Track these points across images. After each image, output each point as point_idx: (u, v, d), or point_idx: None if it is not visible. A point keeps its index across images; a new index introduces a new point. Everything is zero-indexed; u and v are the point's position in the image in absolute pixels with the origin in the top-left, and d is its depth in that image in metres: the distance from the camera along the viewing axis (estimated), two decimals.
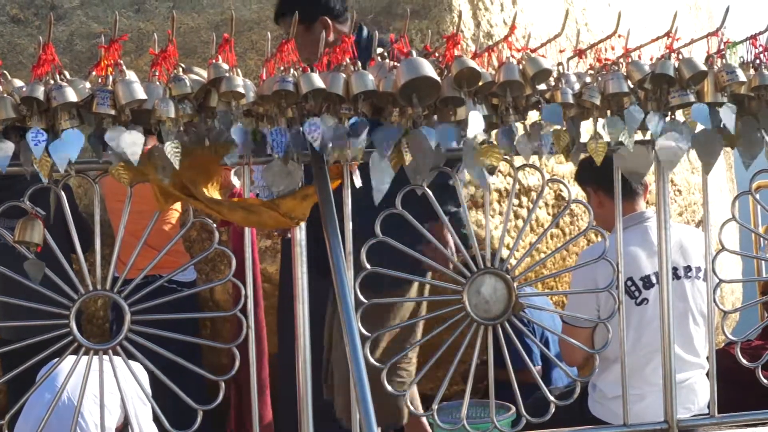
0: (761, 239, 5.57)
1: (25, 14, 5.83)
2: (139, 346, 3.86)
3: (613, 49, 4.12)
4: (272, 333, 5.05)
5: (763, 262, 5.46)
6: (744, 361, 4.46)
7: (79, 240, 3.84)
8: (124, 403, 4.18)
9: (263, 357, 4.15)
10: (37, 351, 3.88)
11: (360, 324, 3.74)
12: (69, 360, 3.96)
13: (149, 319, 3.86)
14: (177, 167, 3.63)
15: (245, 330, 3.93)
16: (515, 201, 4.49)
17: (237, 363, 3.90)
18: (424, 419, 4.83)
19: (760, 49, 4.20)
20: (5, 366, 4.05)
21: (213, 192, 3.78)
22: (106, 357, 3.90)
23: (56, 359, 4.03)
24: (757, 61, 4.15)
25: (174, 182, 3.72)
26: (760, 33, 4.22)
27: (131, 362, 3.93)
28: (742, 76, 4.05)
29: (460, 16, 5.93)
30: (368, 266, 3.96)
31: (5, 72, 3.59)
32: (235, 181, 4.35)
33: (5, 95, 3.50)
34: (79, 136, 3.53)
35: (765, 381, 4.38)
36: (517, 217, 4.64)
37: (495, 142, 3.93)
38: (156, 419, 3.91)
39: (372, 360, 3.93)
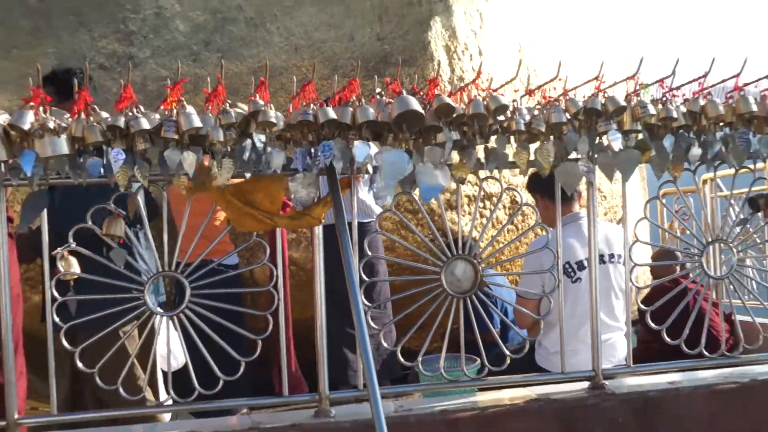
0: (666, 233, 5.56)
1: (110, 63, 5.84)
2: (196, 314, 3.87)
3: (554, 89, 4.15)
4: (296, 303, 5.04)
5: (667, 250, 5.47)
6: (653, 325, 4.47)
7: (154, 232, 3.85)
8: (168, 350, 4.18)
9: (289, 322, 4.17)
10: (118, 318, 3.89)
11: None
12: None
13: (204, 293, 3.88)
14: (227, 180, 3.67)
15: (277, 301, 3.95)
16: (480, 204, 4.52)
17: (270, 326, 3.92)
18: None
19: (666, 89, 4.23)
20: (89, 329, 4.03)
21: (272, 207, 3.84)
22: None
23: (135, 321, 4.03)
24: (664, 99, 4.17)
25: (234, 193, 3.76)
26: (666, 77, 4.26)
27: (173, 333, 3.94)
28: (652, 110, 4.10)
29: (439, 65, 5.98)
30: (369, 253, 3.97)
31: (95, 107, 3.61)
32: None
33: (95, 124, 3.54)
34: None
35: (668, 339, 4.39)
36: (482, 216, 4.64)
37: (464, 161, 3.95)
38: (204, 370, 3.92)
39: (372, 324, 3.93)
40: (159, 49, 5.89)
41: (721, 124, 4.28)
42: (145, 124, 3.60)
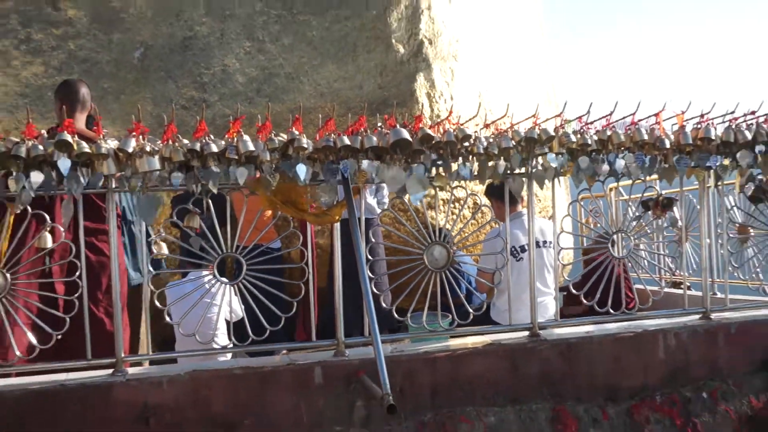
0: (584, 226, 5.55)
1: (189, 105, 5.85)
2: (250, 282, 3.88)
3: (504, 123, 4.17)
4: (320, 275, 5.03)
5: (584, 238, 5.47)
6: (574, 291, 4.48)
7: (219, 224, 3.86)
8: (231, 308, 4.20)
9: (315, 288, 4.17)
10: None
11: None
12: (212, 290, 3.98)
13: (255, 268, 3.89)
14: (273, 187, 3.70)
15: (307, 274, 3.97)
16: (452, 205, 4.53)
17: (302, 292, 3.93)
18: None
19: (583, 123, 4.25)
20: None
21: (301, 206, 3.86)
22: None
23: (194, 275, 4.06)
24: (581, 130, 4.18)
25: (276, 196, 3.77)
26: (583, 115, 4.27)
27: (234, 298, 3.95)
28: (573, 138, 4.14)
29: (422, 107, 6.01)
30: (372, 240, 3.99)
31: (179, 136, 3.62)
32: None
33: (179, 148, 3.54)
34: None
35: (585, 301, 4.40)
36: (452, 213, 4.65)
37: (443, 174, 3.97)
38: (256, 322, 3.93)
39: (375, 290, 3.93)
40: (224, 95, 5.90)
41: (623, 148, 4.29)
42: (215, 148, 3.63)
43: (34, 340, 3.64)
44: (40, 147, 3.44)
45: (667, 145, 4.32)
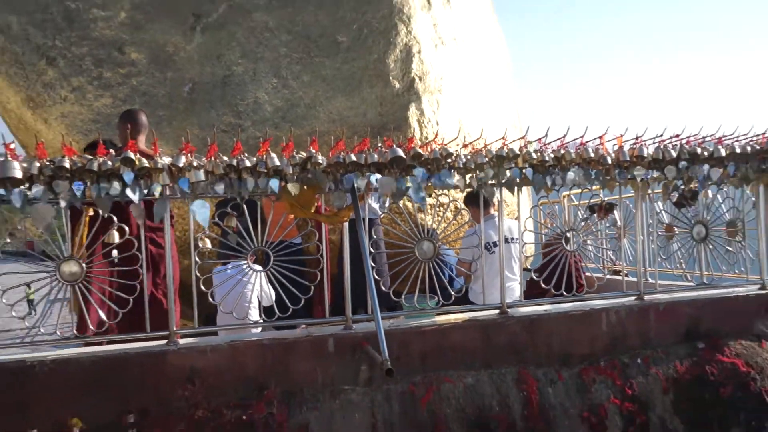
0: (543, 226, 5.54)
1: (227, 128, 5.85)
2: (277, 270, 3.88)
3: (479, 144, 4.17)
4: (332, 264, 5.04)
5: (543, 235, 5.45)
6: (535, 277, 4.48)
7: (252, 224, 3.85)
8: (268, 296, 4.20)
9: (329, 275, 4.18)
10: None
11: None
12: (246, 277, 3.98)
13: (281, 259, 3.89)
14: (294, 194, 3.70)
15: (322, 264, 3.97)
16: (438, 209, 4.51)
17: (318, 278, 3.93)
18: None
19: (542, 144, 4.25)
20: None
21: (312, 209, 3.86)
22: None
23: (233, 265, 4.05)
24: (541, 150, 4.18)
25: (298, 201, 3.78)
26: (542, 137, 4.27)
27: (264, 279, 3.96)
28: (534, 156, 4.11)
29: (414, 131, 6.01)
30: (374, 236, 3.98)
31: (219, 154, 3.62)
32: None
33: (219, 163, 3.54)
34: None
35: (543, 285, 4.40)
36: (438, 215, 4.64)
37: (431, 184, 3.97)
38: (280, 302, 3.94)
39: (375, 276, 3.93)
40: (255, 121, 5.91)
41: (574, 164, 4.30)
42: (248, 164, 3.64)
43: (104, 317, 3.65)
44: (109, 163, 3.45)
45: (609, 162, 4.34)
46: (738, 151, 4.66)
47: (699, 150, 4.56)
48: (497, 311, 4.29)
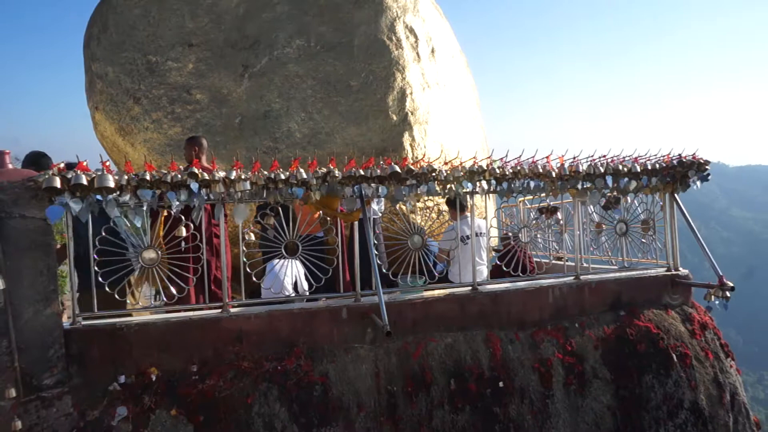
0: (504, 224, 5.50)
1: (267, 150, 5.81)
2: (305, 257, 3.85)
3: (456, 162, 4.14)
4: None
5: (504, 230, 5.42)
6: (498, 262, 4.45)
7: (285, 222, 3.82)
8: (297, 276, 4.16)
9: (345, 260, 4.15)
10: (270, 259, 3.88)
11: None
12: (281, 261, 3.95)
13: (308, 248, 3.86)
14: (318, 199, 3.67)
15: (338, 251, 3.93)
16: (425, 210, 4.49)
17: (336, 261, 3.90)
18: None
19: (504, 162, 4.22)
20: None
21: (334, 208, 3.83)
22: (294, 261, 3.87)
23: (277, 260, 4.01)
24: (503, 166, 4.15)
25: (320, 204, 3.75)
26: (503, 158, 4.24)
27: (298, 263, 3.92)
28: (498, 172, 4.07)
29: (407, 153, 5.97)
30: (377, 231, 3.94)
31: (261, 169, 3.60)
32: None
33: (261, 176, 3.51)
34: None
35: (504, 268, 4.37)
36: (425, 215, 4.62)
37: (419, 192, 3.94)
38: (308, 280, 3.91)
39: (379, 261, 3.90)
40: (290, 145, 5.87)
41: (529, 177, 4.26)
42: (282, 177, 3.60)
43: (174, 291, 3.62)
44: (179, 176, 3.43)
45: (554, 175, 4.31)
46: (649, 167, 4.63)
47: (620, 167, 4.53)
48: (470, 288, 4.26)
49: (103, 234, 3.39)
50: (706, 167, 4.73)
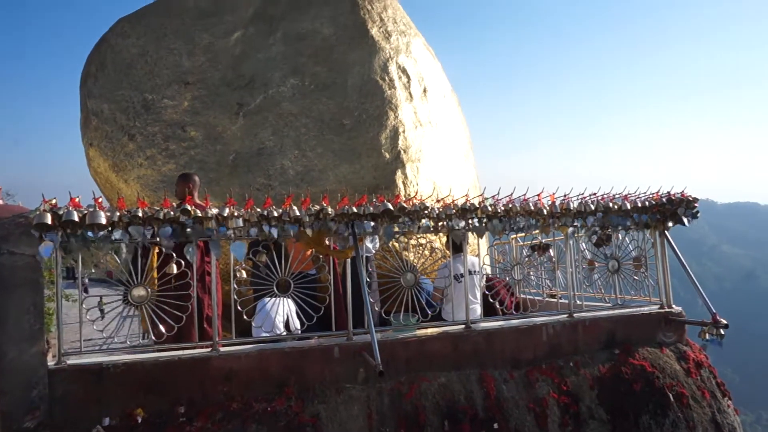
0: (498, 261, 5.49)
1: (261, 188, 5.82)
2: (296, 295, 3.82)
3: (449, 200, 4.16)
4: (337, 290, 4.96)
5: (496, 268, 5.42)
6: (491, 300, 4.42)
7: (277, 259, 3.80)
8: (289, 314, 4.11)
9: (337, 298, 4.11)
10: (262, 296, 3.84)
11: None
12: (272, 300, 3.91)
13: (300, 286, 3.83)
14: (309, 235, 3.66)
15: (330, 289, 3.90)
16: (418, 248, 4.49)
17: (328, 299, 3.87)
18: None
19: (495, 200, 4.25)
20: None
21: (326, 248, 3.82)
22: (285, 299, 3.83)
23: (269, 298, 3.97)
24: (494, 204, 4.18)
25: (312, 241, 3.74)
26: (495, 195, 4.28)
27: (290, 301, 3.88)
28: (490, 209, 4.10)
29: (400, 190, 6.01)
30: (370, 268, 3.92)
31: (254, 206, 3.60)
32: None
33: (254, 213, 3.51)
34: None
35: (498, 306, 4.34)
36: (418, 253, 4.61)
37: (410, 229, 3.94)
38: (300, 318, 3.86)
39: (371, 299, 3.87)
40: (283, 182, 5.90)
41: (519, 214, 4.30)
42: (275, 214, 3.61)
43: (162, 329, 3.56)
44: (171, 213, 3.43)
45: (545, 213, 4.35)
46: (639, 205, 4.70)
47: (611, 204, 4.59)
48: (463, 326, 4.23)
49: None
50: (695, 204, 4.80)
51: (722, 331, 4.37)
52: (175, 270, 3.65)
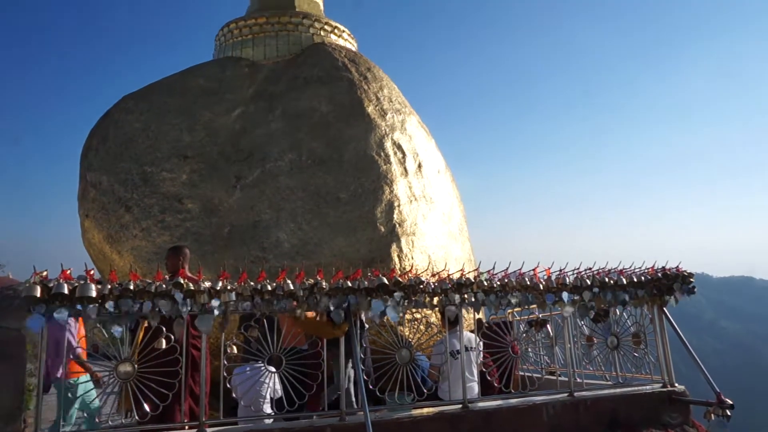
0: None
1: (255, 260, 5.79)
2: (287, 372, 3.71)
3: (444, 274, 4.15)
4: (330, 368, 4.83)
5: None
6: (489, 378, 4.31)
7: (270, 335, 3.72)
8: (275, 388, 3.97)
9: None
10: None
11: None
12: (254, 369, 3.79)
13: (291, 362, 3.73)
14: (304, 318, 3.62)
15: (324, 366, 3.79)
16: (413, 322, 4.42)
17: (320, 376, 3.75)
18: None
19: (490, 275, 4.25)
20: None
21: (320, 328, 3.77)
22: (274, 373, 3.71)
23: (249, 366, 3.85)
24: (490, 278, 4.18)
25: (305, 323, 3.69)
26: (490, 270, 4.29)
27: (277, 378, 3.77)
28: (485, 284, 4.08)
29: (395, 264, 6.01)
30: (364, 344, 3.84)
31: (248, 280, 3.57)
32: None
33: (247, 287, 3.48)
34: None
35: (496, 384, 4.22)
36: (413, 328, 4.54)
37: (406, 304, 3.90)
38: (288, 396, 3.73)
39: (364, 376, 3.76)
40: (277, 255, 5.89)
41: (515, 289, 4.28)
42: (269, 288, 3.58)
43: (147, 409, 3.42)
44: (164, 285, 3.40)
45: (541, 288, 4.34)
46: (635, 280, 4.70)
47: (607, 279, 4.59)
48: (460, 405, 4.09)
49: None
50: (691, 279, 4.81)
51: (728, 412, 4.23)
52: (164, 345, 3.56)
